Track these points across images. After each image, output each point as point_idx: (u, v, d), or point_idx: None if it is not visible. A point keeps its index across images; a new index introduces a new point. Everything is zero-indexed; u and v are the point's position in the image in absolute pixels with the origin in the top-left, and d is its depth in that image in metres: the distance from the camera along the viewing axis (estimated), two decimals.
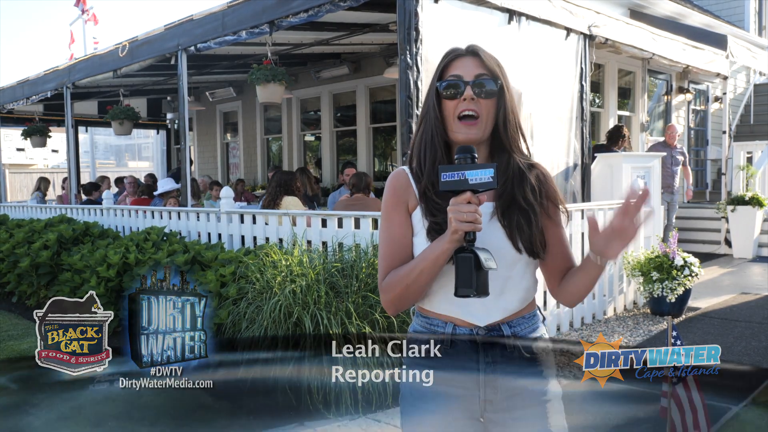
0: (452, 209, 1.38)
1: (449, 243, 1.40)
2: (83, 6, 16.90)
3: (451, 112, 1.53)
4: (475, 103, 1.51)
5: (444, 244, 1.41)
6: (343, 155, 11.09)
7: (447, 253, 1.42)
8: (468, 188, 1.37)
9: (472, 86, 1.51)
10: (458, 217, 1.36)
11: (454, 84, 1.52)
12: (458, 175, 1.38)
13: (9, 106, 10.43)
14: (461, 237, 1.38)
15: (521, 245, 1.52)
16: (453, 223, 1.37)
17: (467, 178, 1.37)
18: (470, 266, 1.37)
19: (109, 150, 50.38)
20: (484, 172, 1.37)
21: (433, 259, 1.44)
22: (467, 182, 1.37)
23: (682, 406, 2.79)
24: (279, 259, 4.31)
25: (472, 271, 1.37)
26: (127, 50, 7.33)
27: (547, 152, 5.90)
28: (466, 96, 1.50)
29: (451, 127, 1.53)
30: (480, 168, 1.37)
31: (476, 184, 1.37)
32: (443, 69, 1.57)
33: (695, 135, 11.76)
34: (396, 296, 1.53)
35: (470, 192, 1.37)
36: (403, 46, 4.54)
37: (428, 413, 1.57)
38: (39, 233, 6.98)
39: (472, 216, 1.36)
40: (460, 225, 1.36)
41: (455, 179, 1.38)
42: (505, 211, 1.53)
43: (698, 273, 5.61)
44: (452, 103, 1.52)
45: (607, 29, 6.52)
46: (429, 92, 1.59)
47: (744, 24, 13.61)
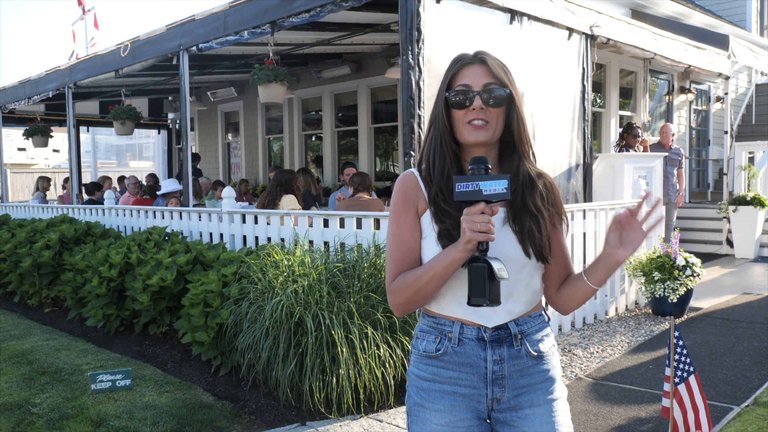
0: (466, 219, 1.39)
1: (462, 252, 1.41)
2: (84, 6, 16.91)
3: (460, 120, 1.55)
4: (484, 112, 1.53)
5: (457, 253, 1.43)
6: (345, 155, 11.09)
7: (459, 262, 1.44)
8: (482, 199, 1.40)
9: (481, 95, 1.53)
10: (472, 227, 1.38)
11: (463, 93, 1.54)
12: (472, 185, 1.40)
13: (11, 106, 10.45)
14: (474, 247, 1.40)
15: (531, 250, 1.54)
16: (467, 233, 1.38)
17: (481, 188, 1.39)
18: (483, 276, 1.39)
19: (111, 150, 50.42)
20: (498, 183, 1.39)
21: (444, 267, 1.46)
22: (481, 193, 1.39)
23: (685, 407, 2.80)
24: (281, 259, 4.31)
25: (485, 280, 1.39)
26: (128, 50, 7.34)
27: (549, 152, 5.90)
28: (475, 106, 1.52)
29: (461, 131, 1.56)
30: (494, 179, 1.40)
31: (490, 194, 1.39)
32: (452, 78, 1.58)
33: (697, 135, 11.76)
34: (405, 300, 1.55)
35: (484, 203, 1.40)
36: (405, 46, 4.54)
37: (435, 412, 1.57)
38: (41, 233, 6.99)
39: (485, 226, 1.38)
40: (474, 235, 1.38)
41: (469, 190, 1.40)
42: (516, 217, 1.55)
43: (700, 273, 5.61)
44: (461, 112, 1.55)
45: (609, 29, 6.52)
46: (438, 98, 1.61)
47: (746, 24, 13.61)
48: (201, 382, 4.30)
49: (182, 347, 4.87)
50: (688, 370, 2.80)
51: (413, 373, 1.63)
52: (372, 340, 3.65)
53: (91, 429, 3.54)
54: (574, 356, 4.68)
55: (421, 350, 1.60)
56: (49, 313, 6.51)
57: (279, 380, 3.75)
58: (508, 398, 1.57)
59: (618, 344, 4.95)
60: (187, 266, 4.98)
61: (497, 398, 1.57)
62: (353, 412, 3.65)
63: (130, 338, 5.34)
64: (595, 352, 4.78)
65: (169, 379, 4.33)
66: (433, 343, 1.58)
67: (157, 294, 4.94)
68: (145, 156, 47.66)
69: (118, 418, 3.65)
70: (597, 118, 9.17)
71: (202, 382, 4.32)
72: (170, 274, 4.84)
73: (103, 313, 5.38)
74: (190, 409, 3.78)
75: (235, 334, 4.13)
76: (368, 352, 3.62)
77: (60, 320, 6.20)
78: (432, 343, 1.58)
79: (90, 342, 5.43)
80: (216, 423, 3.64)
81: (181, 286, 4.89)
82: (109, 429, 3.52)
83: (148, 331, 5.25)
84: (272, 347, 3.78)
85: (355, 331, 3.64)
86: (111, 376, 4.09)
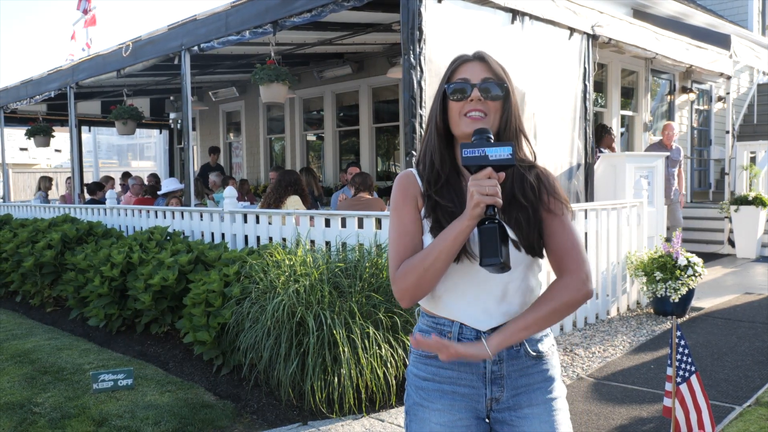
0: (473, 184, 1.40)
1: (470, 219, 1.41)
2: (87, 5, 16.90)
3: (458, 112, 1.56)
4: (483, 104, 1.55)
5: (464, 221, 1.42)
6: (346, 155, 11.09)
7: (467, 230, 1.43)
8: (488, 164, 1.42)
9: (479, 88, 1.55)
10: (480, 190, 1.38)
11: (462, 87, 1.56)
12: (479, 151, 1.42)
13: (12, 106, 10.46)
14: (482, 212, 1.39)
15: (520, 243, 1.53)
16: (475, 196, 1.39)
17: (488, 154, 1.42)
18: (495, 235, 1.38)
19: (112, 150, 50.49)
20: (504, 150, 1.42)
21: (452, 238, 1.44)
22: (488, 158, 1.42)
23: (687, 407, 2.79)
24: (282, 259, 4.31)
25: (497, 240, 1.38)
26: (130, 50, 7.34)
27: (550, 152, 5.90)
28: (473, 97, 1.54)
29: (458, 123, 1.56)
30: (499, 146, 1.43)
31: (496, 160, 1.42)
32: (451, 74, 1.61)
33: (698, 135, 11.75)
34: (411, 284, 1.51)
35: (491, 168, 1.41)
36: (407, 45, 4.54)
37: (434, 411, 1.57)
38: (43, 233, 6.99)
39: (493, 189, 1.38)
40: (483, 198, 1.38)
41: (476, 155, 1.42)
42: (505, 209, 1.54)
43: (701, 273, 5.60)
44: (459, 104, 1.56)
45: (611, 29, 6.52)
46: (435, 98, 1.63)
47: (747, 24, 13.60)
48: (202, 382, 4.31)
49: (184, 347, 4.87)
50: (689, 369, 2.80)
51: (412, 373, 1.63)
52: (374, 340, 3.65)
53: (93, 428, 3.55)
54: (576, 356, 4.68)
55: (421, 350, 1.60)
56: (51, 313, 6.52)
57: (280, 380, 3.75)
58: (507, 398, 1.57)
59: (620, 344, 4.95)
60: (189, 266, 4.98)
61: (496, 398, 1.57)
62: (355, 411, 3.65)
63: (131, 338, 5.34)
64: (596, 351, 4.78)
65: (170, 379, 4.33)
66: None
67: (159, 294, 4.95)
68: (147, 156, 47.74)
69: (120, 418, 3.65)
70: (598, 117, 9.17)
71: (203, 381, 4.32)
72: (172, 274, 4.84)
73: (104, 312, 5.39)
74: (192, 409, 3.78)
75: (236, 333, 4.14)
76: (370, 352, 3.62)
77: (62, 320, 6.21)
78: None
79: (92, 341, 5.43)
80: (217, 422, 3.64)
81: (182, 286, 4.89)
82: (111, 428, 3.53)
83: (149, 331, 5.25)
84: (274, 347, 3.78)
85: (357, 330, 3.64)
86: (113, 376, 4.10)
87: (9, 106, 10.54)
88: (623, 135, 9.90)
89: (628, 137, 10.03)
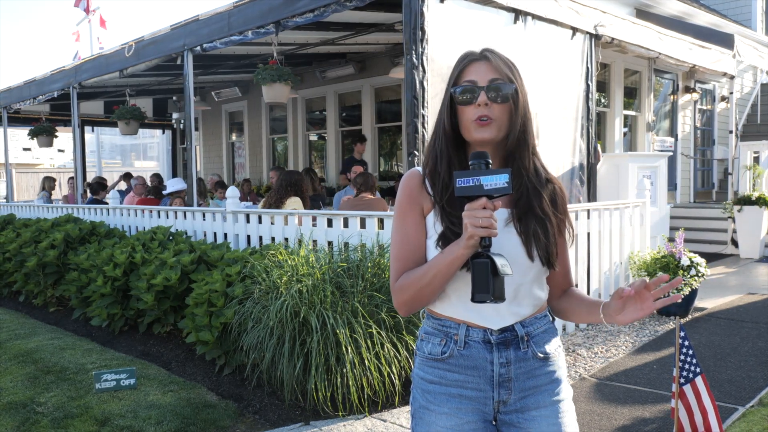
0: (467, 214, 1.37)
1: (465, 249, 1.39)
2: (87, 5, 16.93)
3: (467, 117, 1.52)
4: (489, 109, 1.50)
5: (459, 250, 1.40)
6: (349, 155, 11.09)
7: (462, 258, 1.41)
8: (483, 194, 1.37)
9: (486, 91, 1.50)
10: (473, 222, 1.35)
11: (469, 89, 1.51)
12: (473, 180, 1.37)
13: (16, 106, 10.48)
14: (477, 242, 1.37)
15: (536, 254, 1.52)
16: (468, 228, 1.36)
17: (482, 183, 1.37)
18: (487, 272, 1.36)
19: (115, 150, 50.54)
20: (499, 178, 1.36)
21: (447, 263, 1.44)
22: (482, 188, 1.37)
23: (691, 408, 2.78)
24: (285, 259, 4.31)
25: (488, 276, 1.36)
26: (133, 50, 7.35)
27: (553, 152, 5.89)
28: (480, 102, 1.50)
29: (467, 128, 1.53)
30: (494, 173, 1.37)
31: (491, 189, 1.36)
32: (458, 75, 1.56)
33: (701, 135, 11.73)
34: (409, 298, 1.52)
35: (485, 197, 1.37)
36: (409, 45, 4.54)
37: (440, 415, 1.55)
38: (46, 233, 7.01)
39: (487, 221, 1.35)
40: (476, 230, 1.35)
41: (470, 185, 1.37)
42: (521, 218, 1.52)
43: (704, 273, 5.59)
44: (467, 108, 1.52)
45: (614, 29, 6.51)
46: (444, 99, 1.59)
47: (751, 23, 13.57)
48: (205, 382, 4.31)
49: (186, 347, 4.87)
50: (694, 371, 2.78)
51: (418, 376, 1.60)
52: (377, 340, 3.64)
53: (95, 428, 3.55)
54: (579, 356, 4.67)
55: (427, 353, 1.58)
56: (54, 313, 6.53)
57: (283, 379, 3.75)
58: (514, 400, 1.55)
59: (622, 344, 4.94)
60: (192, 266, 4.99)
61: (504, 400, 1.55)
62: (357, 411, 3.65)
63: (134, 338, 5.35)
64: (599, 352, 4.78)
65: (173, 379, 4.34)
66: (438, 345, 1.56)
67: (162, 293, 4.95)
68: (150, 156, 47.77)
69: (123, 417, 3.65)
70: (601, 117, 9.16)
71: (206, 381, 4.32)
72: (174, 274, 4.85)
73: (107, 312, 5.39)
74: (194, 409, 3.78)
75: (239, 333, 4.14)
76: (373, 352, 3.62)
77: (65, 320, 6.22)
78: (437, 346, 1.56)
79: (94, 341, 5.44)
80: (220, 422, 3.64)
81: (185, 286, 4.90)
82: (114, 428, 3.53)
83: (152, 331, 5.26)
84: (276, 347, 3.78)
85: (360, 330, 3.64)
86: (115, 376, 4.10)
87: (12, 106, 10.56)
88: (626, 135, 9.88)
89: (630, 137, 10.01)
